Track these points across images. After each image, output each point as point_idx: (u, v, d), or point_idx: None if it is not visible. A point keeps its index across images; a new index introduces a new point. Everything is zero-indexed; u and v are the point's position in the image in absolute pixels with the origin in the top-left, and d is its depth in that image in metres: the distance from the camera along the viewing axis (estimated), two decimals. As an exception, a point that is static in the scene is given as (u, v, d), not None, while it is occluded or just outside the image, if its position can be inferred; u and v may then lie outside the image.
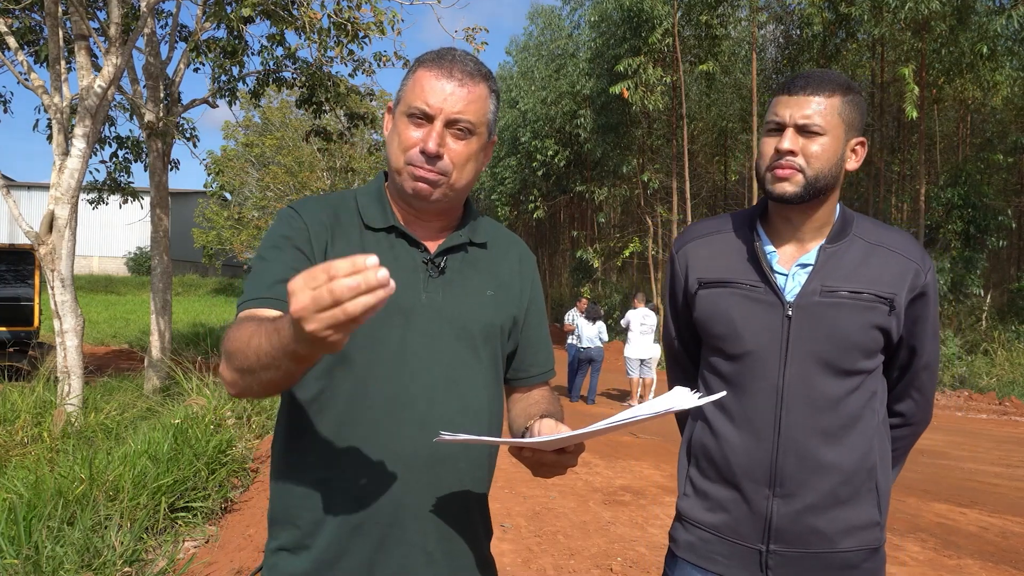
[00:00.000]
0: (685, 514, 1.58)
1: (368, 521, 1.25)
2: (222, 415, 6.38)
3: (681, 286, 1.62)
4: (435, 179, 1.27)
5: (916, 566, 4.39)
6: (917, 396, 1.58)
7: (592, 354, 11.77)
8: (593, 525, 5.01)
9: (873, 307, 1.44)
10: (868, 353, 1.46)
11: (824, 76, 1.45)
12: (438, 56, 1.31)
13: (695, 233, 1.64)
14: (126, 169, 13.20)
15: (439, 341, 1.29)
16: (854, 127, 1.46)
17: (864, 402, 1.47)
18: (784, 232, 1.52)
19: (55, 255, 7.14)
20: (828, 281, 1.45)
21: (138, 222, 16.37)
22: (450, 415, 1.27)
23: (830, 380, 1.44)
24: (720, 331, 1.52)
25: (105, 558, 3.63)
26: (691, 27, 19.13)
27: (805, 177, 1.42)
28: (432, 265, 1.32)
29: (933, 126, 20.50)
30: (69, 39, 9.09)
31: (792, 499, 1.45)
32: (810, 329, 1.44)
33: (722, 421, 1.51)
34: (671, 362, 1.76)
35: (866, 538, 1.47)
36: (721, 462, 1.51)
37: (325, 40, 9.52)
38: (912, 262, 1.48)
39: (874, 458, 1.48)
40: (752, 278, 1.50)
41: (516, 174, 29.40)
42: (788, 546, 1.45)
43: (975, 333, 15.53)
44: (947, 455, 8.12)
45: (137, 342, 17.99)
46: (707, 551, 1.52)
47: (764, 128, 1.50)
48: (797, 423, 1.44)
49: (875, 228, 1.52)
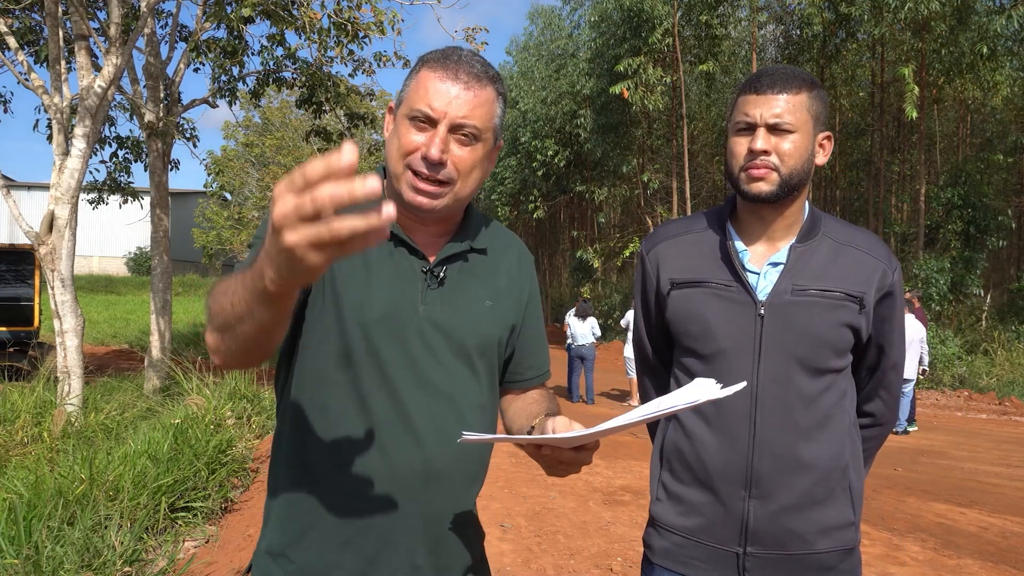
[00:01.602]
0: (659, 519, 1.56)
1: (359, 536, 1.23)
2: (222, 415, 6.38)
3: (653, 287, 1.61)
4: (436, 191, 1.22)
5: (916, 566, 4.39)
6: (885, 396, 1.59)
7: (584, 352, 11.74)
8: (593, 525, 5.01)
9: (843, 305, 1.45)
10: (839, 352, 1.47)
11: (789, 72, 1.45)
12: (443, 56, 1.25)
13: (665, 234, 1.63)
14: (126, 169, 13.21)
15: (436, 356, 1.26)
16: (820, 121, 1.47)
17: (836, 401, 1.48)
18: (755, 231, 1.52)
19: (55, 255, 7.14)
20: (799, 280, 1.46)
21: (138, 222, 16.36)
22: (447, 431, 1.24)
23: (803, 378, 1.45)
24: (693, 331, 1.51)
25: (105, 558, 3.63)
26: (691, 27, 19.15)
27: (779, 175, 1.43)
28: (431, 275, 1.28)
29: (933, 126, 20.50)
30: (69, 39, 9.09)
31: (768, 500, 1.44)
32: (783, 328, 1.45)
33: (695, 423, 1.50)
34: (641, 364, 1.74)
35: (842, 538, 1.47)
36: (696, 464, 1.49)
37: (325, 40, 9.53)
38: (880, 262, 1.49)
39: (847, 457, 1.48)
40: (724, 277, 1.50)
41: (516, 174, 29.42)
42: (765, 548, 1.45)
43: (975, 333, 15.53)
44: (947, 455, 8.12)
45: (137, 342, 17.99)
46: (684, 556, 1.51)
47: (732, 128, 1.49)
48: (772, 422, 1.44)
49: (843, 228, 1.54)
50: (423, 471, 1.24)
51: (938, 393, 13.17)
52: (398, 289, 1.26)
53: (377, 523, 1.23)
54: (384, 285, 1.26)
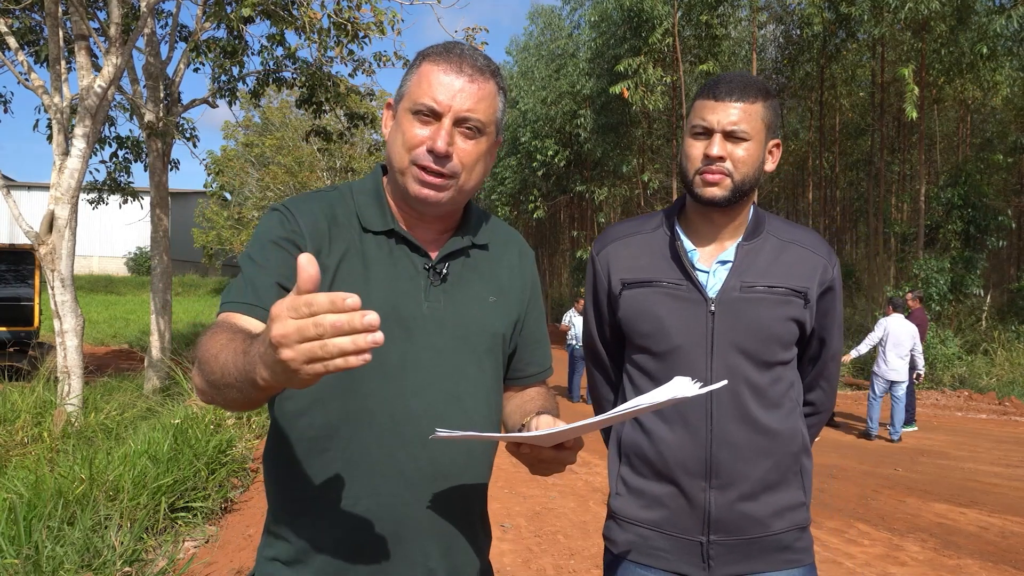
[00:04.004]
0: (620, 513, 1.59)
1: (370, 540, 1.21)
2: (222, 415, 6.38)
3: (604, 288, 1.64)
4: (442, 183, 1.21)
5: (916, 566, 4.39)
6: (825, 385, 1.68)
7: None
8: (593, 525, 5.01)
9: (789, 300, 1.51)
10: (785, 345, 1.53)
11: (747, 81, 1.50)
12: (445, 50, 1.23)
13: (614, 235, 1.67)
14: (126, 169, 13.21)
15: (441, 354, 1.25)
16: (772, 130, 1.53)
17: (784, 391, 1.55)
18: (704, 231, 1.57)
19: (55, 255, 7.14)
20: (746, 277, 1.52)
21: (138, 222, 16.37)
22: (454, 430, 1.23)
23: (753, 371, 1.50)
24: (646, 329, 1.55)
25: (105, 558, 3.63)
26: (691, 27, 19.14)
27: (733, 181, 1.48)
28: (434, 272, 1.27)
29: (933, 126, 20.52)
30: (69, 39, 9.10)
31: (727, 489, 1.49)
32: (732, 323, 1.50)
33: (652, 419, 1.54)
34: (592, 363, 1.77)
35: (795, 518, 1.54)
36: (655, 459, 1.53)
37: (325, 40, 9.53)
38: (821, 258, 1.57)
39: (798, 443, 1.55)
40: (675, 276, 1.54)
41: (516, 174, 29.42)
42: (727, 535, 1.50)
43: (975, 333, 15.53)
44: (947, 455, 8.12)
45: (137, 342, 17.99)
46: (648, 548, 1.54)
47: (689, 131, 1.53)
48: (727, 414, 1.49)
49: (785, 226, 1.61)
50: (431, 471, 1.22)
51: (938, 393, 13.17)
52: (401, 287, 1.25)
53: (386, 526, 1.22)
54: (387, 283, 1.24)
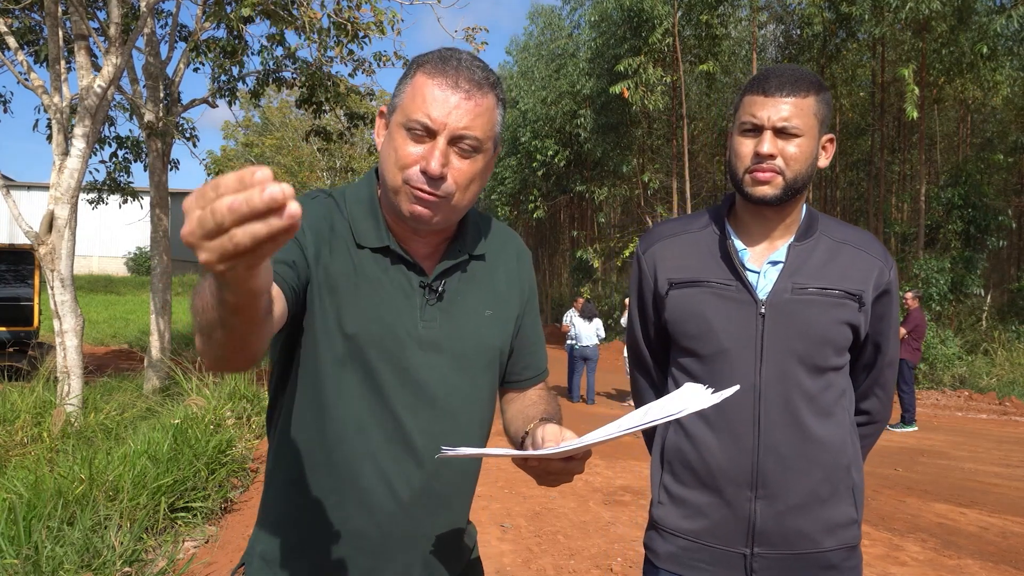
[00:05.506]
0: (662, 523, 1.53)
1: (356, 553, 1.22)
2: (222, 415, 6.38)
3: (650, 287, 1.59)
4: (436, 202, 1.16)
5: (916, 566, 4.38)
6: (881, 393, 1.59)
7: (588, 352, 11.78)
8: (593, 525, 5.01)
9: (843, 303, 1.44)
10: (839, 350, 1.46)
11: (799, 75, 1.43)
12: (441, 60, 1.16)
13: (662, 233, 1.61)
14: (126, 169, 13.22)
15: (437, 373, 1.23)
16: (825, 124, 1.46)
17: (836, 399, 1.47)
18: (755, 230, 1.51)
19: (55, 255, 7.14)
20: (798, 278, 1.45)
21: (138, 222, 16.36)
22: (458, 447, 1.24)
23: (805, 377, 1.44)
24: (693, 331, 1.49)
25: (105, 558, 3.62)
26: (691, 27, 19.12)
27: (784, 179, 1.42)
28: (429, 290, 1.24)
29: (933, 126, 20.51)
30: (69, 39, 9.09)
31: (775, 500, 1.43)
32: (784, 326, 1.44)
33: (698, 424, 1.48)
34: (636, 365, 1.72)
35: (846, 536, 1.47)
36: (699, 466, 1.47)
37: (325, 40, 9.53)
38: (877, 260, 1.49)
39: (849, 455, 1.48)
40: (724, 276, 1.48)
41: (516, 174, 29.39)
42: (773, 548, 1.44)
43: (975, 333, 15.52)
44: (947, 455, 8.12)
45: (137, 342, 18.00)
46: (689, 560, 1.48)
47: (738, 127, 1.46)
48: (776, 422, 1.43)
49: (839, 227, 1.54)
50: (423, 491, 1.22)
51: (938, 393, 13.16)
52: (396, 306, 1.22)
53: (374, 541, 1.22)
54: (382, 303, 1.22)
